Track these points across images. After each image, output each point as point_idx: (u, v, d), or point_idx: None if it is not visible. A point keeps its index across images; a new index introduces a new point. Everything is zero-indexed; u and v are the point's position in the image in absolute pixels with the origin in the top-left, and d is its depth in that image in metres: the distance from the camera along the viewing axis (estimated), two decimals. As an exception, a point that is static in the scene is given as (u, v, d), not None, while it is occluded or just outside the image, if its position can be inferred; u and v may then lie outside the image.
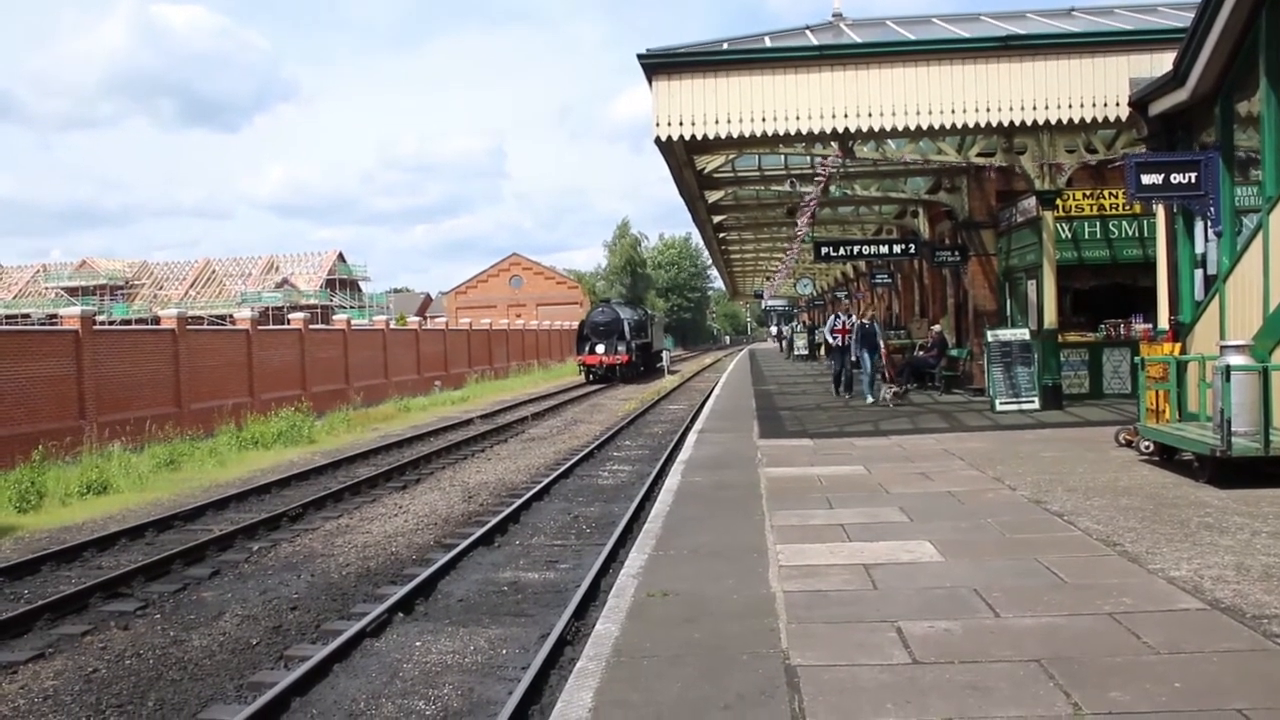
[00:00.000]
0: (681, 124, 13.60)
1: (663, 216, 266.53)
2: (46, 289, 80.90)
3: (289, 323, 35.62)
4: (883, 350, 22.52)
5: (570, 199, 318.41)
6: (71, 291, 77.78)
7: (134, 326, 43.00)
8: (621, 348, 45.39)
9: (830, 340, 24.57)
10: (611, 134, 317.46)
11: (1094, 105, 13.55)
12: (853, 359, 22.99)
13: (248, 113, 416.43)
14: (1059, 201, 18.84)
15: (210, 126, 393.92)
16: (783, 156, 22.69)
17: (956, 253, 24.48)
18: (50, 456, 18.70)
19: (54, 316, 58.80)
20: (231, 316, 38.86)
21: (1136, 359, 13.39)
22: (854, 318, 24.33)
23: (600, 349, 45.42)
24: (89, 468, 18.00)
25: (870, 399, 21.38)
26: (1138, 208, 18.76)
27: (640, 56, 13.53)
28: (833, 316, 25.81)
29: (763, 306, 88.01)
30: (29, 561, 11.70)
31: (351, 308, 73.60)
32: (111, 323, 59.11)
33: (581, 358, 46.44)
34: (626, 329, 46.25)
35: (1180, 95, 12.43)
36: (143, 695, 7.57)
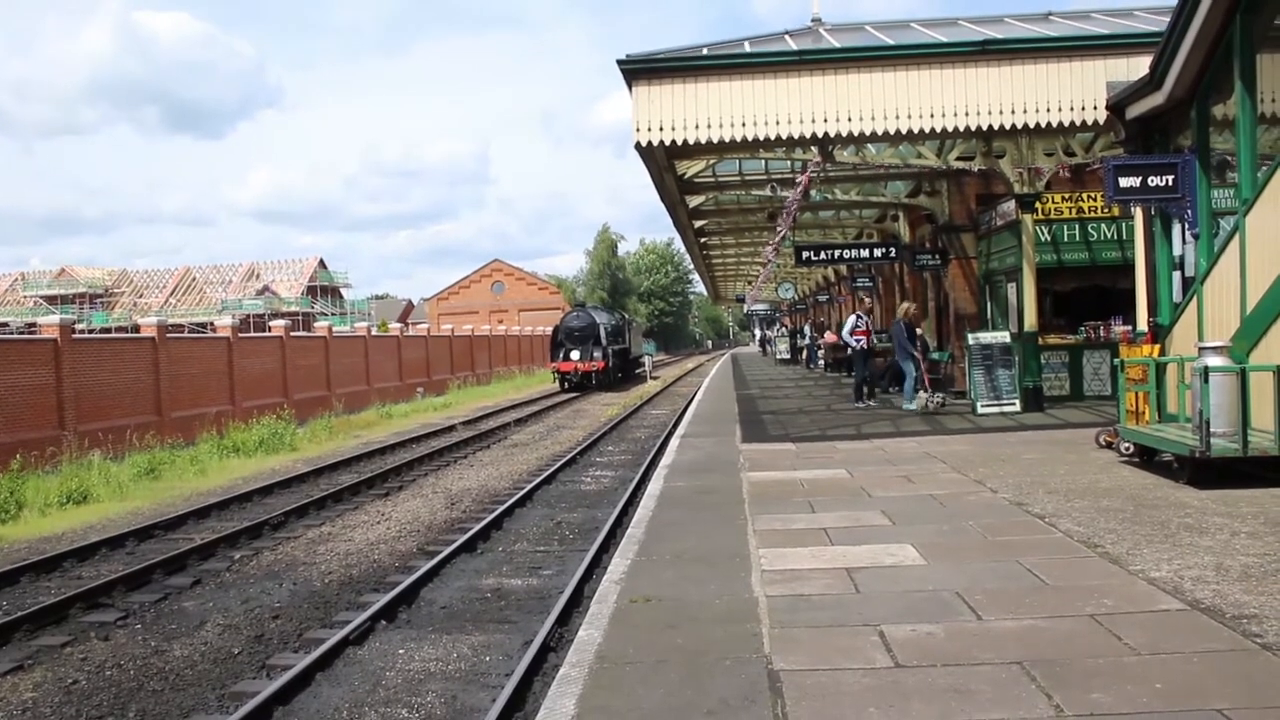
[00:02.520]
0: (662, 129, 13.61)
1: (646, 221, 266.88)
2: (25, 298, 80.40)
3: (270, 330, 35.50)
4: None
5: (554, 204, 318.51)
6: (50, 300, 77.32)
7: (114, 335, 42.71)
8: (598, 354, 43.89)
9: (851, 344, 22.21)
10: (595, 139, 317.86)
11: (1072, 109, 13.63)
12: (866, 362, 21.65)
13: (232, 119, 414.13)
14: (1038, 205, 18.93)
15: (194, 133, 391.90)
16: (763, 161, 22.72)
17: (937, 256, 24.55)
18: (29, 466, 18.60)
19: (32, 325, 58.39)
20: (212, 324, 38.69)
21: (1116, 361, 13.47)
22: (868, 317, 22.38)
23: (575, 355, 43.91)
24: (69, 477, 17.89)
25: (910, 405, 19.60)
26: (1116, 210, 18.85)
27: (620, 62, 13.54)
28: (853, 316, 23.11)
29: (745, 311, 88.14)
30: (7, 572, 11.61)
31: (333, 314, 73.39)
32: (91, 331, 58.73)
33: (556, 364, 44.76)
34: (603, 334, 44.88)
35: (1157, 99, 12.51)
36: (123, 706, 7.53)
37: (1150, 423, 12.13)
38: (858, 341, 21.91)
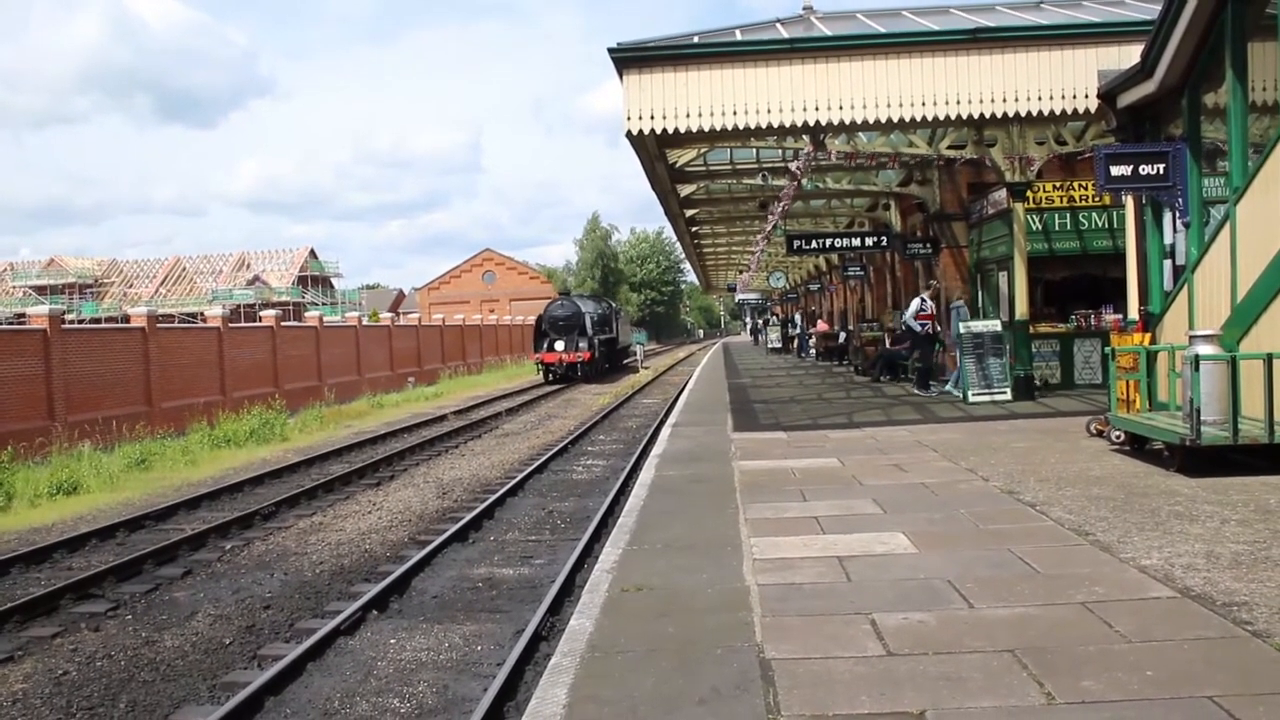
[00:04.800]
0: (653, 118, 13.59)
1: (639, 210, 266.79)
2: (14, 288, 80.00)
3: (260, 320, 35.35)
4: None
5: (546, 193, 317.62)
6: (40, 290, 76.97)
7: (103, 325, 42.56)
8: (583, 344, 41.69)
9: (917, 329, 20.67)
10: (588, 128, 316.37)
11: (1063, 97, 13.64)
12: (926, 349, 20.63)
13: (224, 108, 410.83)
14: (1029, 193, 18.95)
15: (186, 122, 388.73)
16: (754, 150, 22.72)
17: (928, 245, 24.59)
18: (19, 457, 18.51)
19: (21, 315, 58.15)
20: (202, 314, 38.57)
21: (1107, 349, 13.49)
22: (933, 301, 21.33)
23: (560, 345, 41.63)
24: (59, 468, 17.82)
25: (969, 394, 18.60)
26: (1107, 199, 18.87)
27: (611, 50, 13.51)
28: (917, 299, 21.32)
29: (736, 300, 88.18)
30: (-3, 563, 11.57)
31: (324, 304, 73.21)
32: (80, 321, 58.53)
33: (540, 355, 42.41)
34: (588, 323, 42.77)
35: (1148, 87, 12.51)
36: (114, 697, 7.50)
37: (1141, 411, 12.15)
38: (923, 326, 20.71)
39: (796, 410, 19.16)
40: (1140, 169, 12.29)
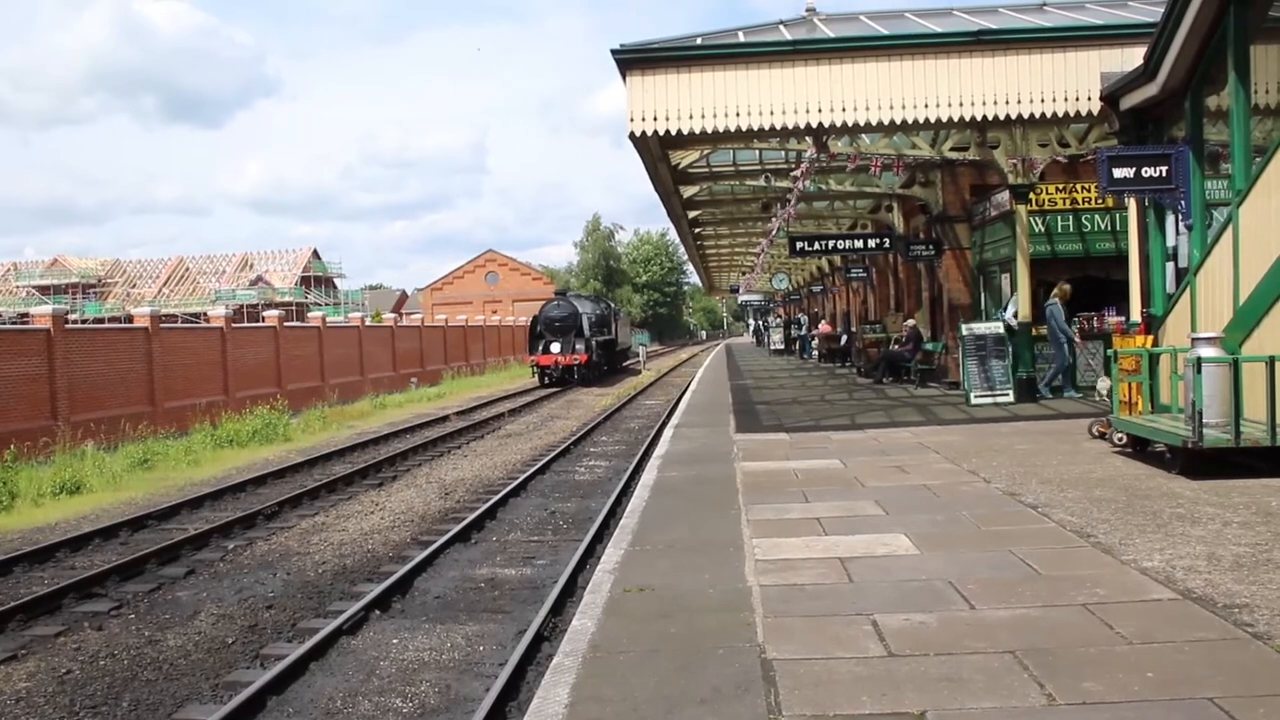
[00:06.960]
0: (655, 119, 13.60)
1: (643, 211, 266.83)
2: (17, 287, 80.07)
3: (264, 320, 35.39)
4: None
5: (550, 194, 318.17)
6: (43, 290, 77.01)
7: (107, 325, 42.60)
8: (580, 346, 40.38)
9: (1016, 327, 19.20)
10: (592, 128, 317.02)
11: (1066, 100, 13.64)
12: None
13: (230, 108, 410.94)
14: (1032, 195, 18.95)
15: (193, 123, 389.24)
16: (757, 151, 22.73)
17: (931, 247, 24.58)
18: (22, 457, 18.55)
19: (25, 315, 58.15)
20: (206, 314, 38.59)
21: (1109, 351, 13.50)
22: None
23: (555, 347, 40.38)
24: (62, 468, 17.84)
25: (1071, 392, 18.54)
26: (1110, 201, 18.87)
27: (614, 52, 13.52)
28: (1014, 299, 19.91)
29: (739, 301, 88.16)
30: (1, 563, 11.58)
31: (327, 305, 73.24)
32: (84, 321, 58.57)
33: (535, 358, 41.08)
34: (585, 324, 41.48)
35: (1151, 90, 12.51)
36: (117, 696, 7.52)
37: (1143, 413, 12.16)
38: (1020, 326, 19.37)
39: (799, 412, 19.17)
40: (1143, 171, 12.30)
